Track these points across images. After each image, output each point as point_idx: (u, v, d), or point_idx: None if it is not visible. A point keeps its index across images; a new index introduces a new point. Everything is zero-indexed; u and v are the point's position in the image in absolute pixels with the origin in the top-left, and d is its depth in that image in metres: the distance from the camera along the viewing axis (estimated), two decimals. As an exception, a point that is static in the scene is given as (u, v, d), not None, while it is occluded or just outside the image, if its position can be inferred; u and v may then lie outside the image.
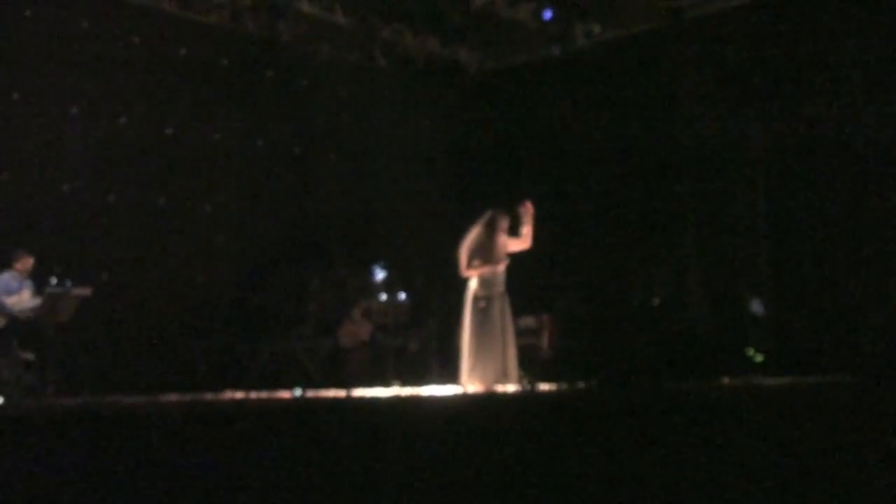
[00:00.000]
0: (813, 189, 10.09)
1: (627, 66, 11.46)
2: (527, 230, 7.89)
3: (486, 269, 7.82)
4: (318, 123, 11.91)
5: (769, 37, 10.47)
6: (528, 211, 7.86)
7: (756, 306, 10.24)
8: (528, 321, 10.52)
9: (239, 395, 7.14)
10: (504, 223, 7.94)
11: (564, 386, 7.16)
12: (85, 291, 8.79)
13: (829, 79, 10.06)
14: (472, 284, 7.88)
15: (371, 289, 10.71)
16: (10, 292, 8.87)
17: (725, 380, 7.40)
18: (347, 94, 12.23)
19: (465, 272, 7.88)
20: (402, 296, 10.66)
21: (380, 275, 10.90)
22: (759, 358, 9.71)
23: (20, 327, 8.81)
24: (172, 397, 6.73)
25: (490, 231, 7.91)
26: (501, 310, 7.87)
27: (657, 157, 11.21)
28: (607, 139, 11.48)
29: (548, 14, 11.47)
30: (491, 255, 7.86)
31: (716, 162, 10.86)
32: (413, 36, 12.12)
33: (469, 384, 7.66)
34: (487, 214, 7.97)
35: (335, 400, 6.21)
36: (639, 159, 11.34)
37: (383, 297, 10.60)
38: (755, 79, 10.56)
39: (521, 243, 7.94)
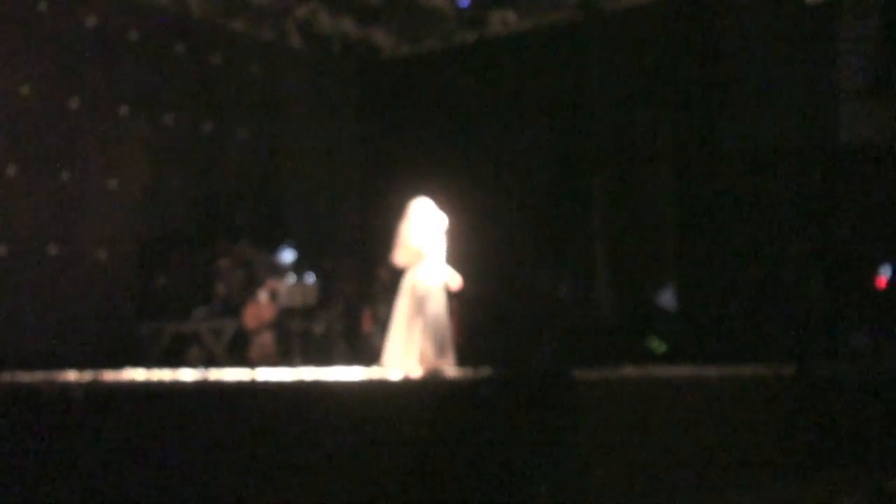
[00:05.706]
0: (718, 183, 10.32)
1: (541, 55, 11.55)
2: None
3: (417, 259, 7.92)
4: (229, 101, 11.75)
5: (681, 33, 10.67)
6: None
7: (666, 299, 10.42)
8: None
9: (140, 374, 7.04)
10: (424, 212, 7.98)
11: (471, 372, 7.23)
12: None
13: (736, 77, 10.29)
14: (410, 273, 7.92)
15: (279, 270, 10.61)
16: None
17: (628, 369, 7.53)
18: (259, 72, 12.08)
19: (398, 261, 7.97)
20: (311, 278, 10.59)
21: (288, 256, 10.80)
22: (662, 348, 9.90)
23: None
24: (72, 376, 6.59)
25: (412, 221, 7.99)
26: (437, 298, 7.93)
27: (567, 148, 11.34)
28: (519, 128, 11.56)
29: (464, 1, 11.50)
30: (418, 244, 7.93)
31: (625, 154, 11.02)
32: (328, 15, 12.01)
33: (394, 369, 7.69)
34: (408, 206, 8.05)
35: (238, 381, 6.16)
36: (549, 149, 11.46)
37: (291, 278, 10.51)
38: (665, 74, 10.74)
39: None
